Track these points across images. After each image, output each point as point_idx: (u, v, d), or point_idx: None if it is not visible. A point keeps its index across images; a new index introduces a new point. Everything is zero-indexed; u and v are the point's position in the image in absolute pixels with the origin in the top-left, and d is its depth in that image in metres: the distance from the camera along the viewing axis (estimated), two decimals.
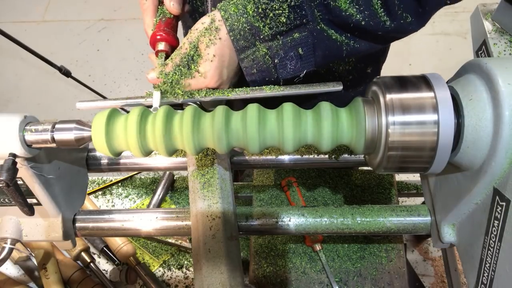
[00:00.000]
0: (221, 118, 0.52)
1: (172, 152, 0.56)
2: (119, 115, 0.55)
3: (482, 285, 0.52)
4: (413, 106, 0.47)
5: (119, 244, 1.06)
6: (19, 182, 0.57)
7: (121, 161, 0.78)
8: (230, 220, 0.65)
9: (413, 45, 2.56)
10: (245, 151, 0.77)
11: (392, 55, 0.97)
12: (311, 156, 0.79)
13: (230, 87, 0.64)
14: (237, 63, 0.60)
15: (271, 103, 0.61)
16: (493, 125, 0.45)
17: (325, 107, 0.52)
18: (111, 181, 1.25)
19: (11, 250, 0.63)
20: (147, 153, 0.56)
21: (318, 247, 0.98)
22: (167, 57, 0.61)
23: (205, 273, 0.61)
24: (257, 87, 0.61)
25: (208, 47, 0.57)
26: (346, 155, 0.77)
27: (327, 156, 0.78)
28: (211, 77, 0.58)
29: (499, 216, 0.47)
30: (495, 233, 0.48)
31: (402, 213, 0.65)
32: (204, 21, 0.58)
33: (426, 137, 0.47)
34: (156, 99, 0.59)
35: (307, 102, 0.73)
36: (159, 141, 0.53)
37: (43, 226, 0.64)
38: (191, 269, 1.10)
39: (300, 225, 0.67)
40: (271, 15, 0.55)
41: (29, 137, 0.52)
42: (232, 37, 0.57)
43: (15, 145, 0.51)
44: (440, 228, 0.59)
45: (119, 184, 1.25)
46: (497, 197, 0.47)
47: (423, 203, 0.68)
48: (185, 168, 0.76)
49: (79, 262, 1.05)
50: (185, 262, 1.11)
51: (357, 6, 0.55)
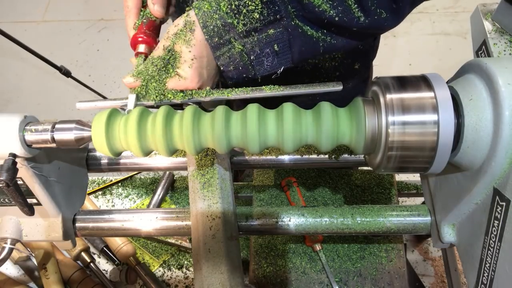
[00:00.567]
0: (221, 118, 0.52)
1: (172, 152, 0.56)
2: (119, 115, 0.55)
3: (482, 285, 0.52)
4: (413, 106, 0.47)
5: (119, 244, 1.06)
6: (19, 182, 0.57)
7: (121, 161, 0.78)
8: (230, 220, 0.65)
9: (413, 45, 2.56)
10: (245, 151, 0.77)
11: (392, 55, 0.97)
12: (311, 156, 0.79)
13: (212, 86, 0.63)
14: (215, 62, 0.60)
15: (271, 103, 0.61)
16: (493, 125, 0.45)
17: (325, 107, 0.52)
18: (111, 181, 1.25)
19: (11, 250, 0.63)
20: (147, 153, 0.56)
21: (318, 247, 0.98)
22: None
23: (205, 273, 0.61)
24: (257, 87, 0.61)
25: (185, 48, 0.57)
26: (346, 155, 0.77)
27: (327, 156, 0.78)
28: (192, 78, 0.58)
29: (499, 216, 0.47)
30: (495, 233, 0.48)
31: (402, 213, 0.65)
32: (178, 23, 0.57)
33: (426, 137, 0.47)
34: (131, 102, 0.59)
35: (307, 102, 0.73)
36: (159, 141, 0.53)
37: (43, 226, 0.64)
38: (191, 269, 1.10)
39: (300, 225, 0.67)
40: (244, 11, 0.54)
41: (29, 137, 0.52)
42: (206, 34, 0.56)
43: (15, 145, 0.51)
44: (440, 228, 0.59)
45: (119, 184, 1.25)
46: (497, 197, 0.47)
47: (423, 203, 0.68)
48: (185, 168, 0.76)
49: (79, 262, 1.05)
50: (185, 262, 1.11)
51: (330, 2, 0.54)
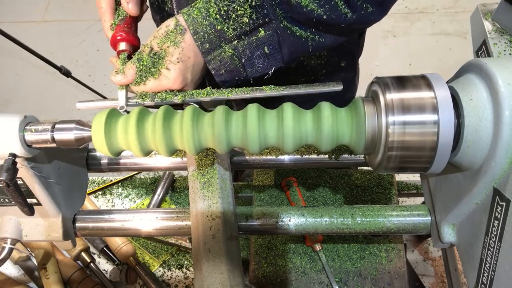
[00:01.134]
0: (221, 118, 0.52)
1: (172, 152, 0.56)
2: (119, 115, 0.55)
3: (482, 285, 0.52)
4: (413, 106, 0.47)
5: (119, 244, 1.06)
6: (19, 182, 0.57)
7: (121, 161, 0.78)
8: (230, 220, 0.65)
9: (413, 45, 2.56)
10: (245, 151, 0.77)
11: (392, 55, 0.96)
12: (311, 156, 0.79)
13: (194, 88, 0.64)
14: (201, 65, 0.60)
15: (271, 103, 0.61)
16: (493, 125, 0.45)
17: (325, 107, 0.52)
18: (111, 181, 1.25)
19: (11, 250, 0.63)
20: (147, 153, 0.56)
21: (318, 247, 0.98)
22: (129, 57, 0.61)
23: (205, 273, 0.61)
24: (257, 87, 0.61)
25: (173, 49, 0.57)
26: (346, 155, 0.77)
27: (327, 156, 0.78)
28: (174, 80, 0.59)
29: (499, 216, 0.47)
30: (495, 233, 0.48)
31: (402, 213, 0.65)
32: (169, 23, 0.58)
33: (426, 137, 0.47)
34: (122, 98, 0.60)
35: (307, 102, 0.73)
36: (159, 141, 0.53)
37: (43, 226, 0.64)
38: (191, 269, 1.10)
39: (300, 225, 0.67)
40: (233, 16, 0.55)
41: (29, 137, 0.52)
42: (197, 40, 0.57)
43: (15, 145, 0.51)
44: (440, 228, 0.59)
45: (119, 184, 1.25)
46: (497, 197, 0.47)
47: (423, 203, 0.68)
48: (185, 168, 0.76)
49: (79, 262, 1.05)
50: (185, 262, 1.11)
51: (317, 1, 0.55)
